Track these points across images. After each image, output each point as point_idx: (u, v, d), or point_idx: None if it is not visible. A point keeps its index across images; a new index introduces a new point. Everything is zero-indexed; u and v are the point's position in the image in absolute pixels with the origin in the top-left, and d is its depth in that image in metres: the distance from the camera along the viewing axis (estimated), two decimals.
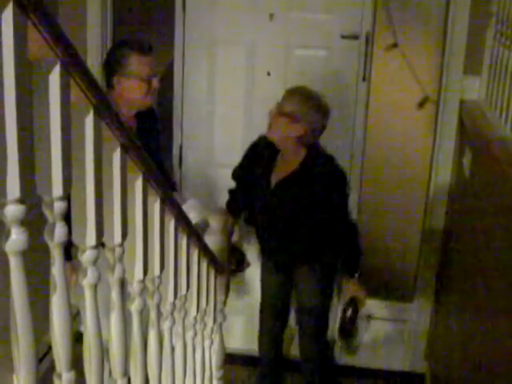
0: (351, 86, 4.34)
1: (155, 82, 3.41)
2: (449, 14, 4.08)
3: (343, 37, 4.29)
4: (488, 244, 3.12)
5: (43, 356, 3.40)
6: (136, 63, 3.35)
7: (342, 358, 4.81)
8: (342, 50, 4.33)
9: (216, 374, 3.16)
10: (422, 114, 4.34)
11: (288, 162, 3.70)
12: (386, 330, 4.61)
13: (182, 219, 2.19)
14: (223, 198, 4.35)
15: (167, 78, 4.41)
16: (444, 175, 4.28)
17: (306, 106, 3.55)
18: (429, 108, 4.33)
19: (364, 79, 4.29)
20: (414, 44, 4.26)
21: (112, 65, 3.39)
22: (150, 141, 3.56)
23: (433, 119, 4.31)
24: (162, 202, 1.94)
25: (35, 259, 1.49)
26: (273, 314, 4.24)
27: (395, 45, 4.23)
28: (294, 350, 4.61)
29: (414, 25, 4.25)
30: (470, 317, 3.47)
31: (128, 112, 3.43)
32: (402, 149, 4.00)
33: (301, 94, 3.60)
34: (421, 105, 4.31)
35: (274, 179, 3.76)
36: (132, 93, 3.38)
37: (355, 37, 4.28)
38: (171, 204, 2.04)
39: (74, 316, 1.75)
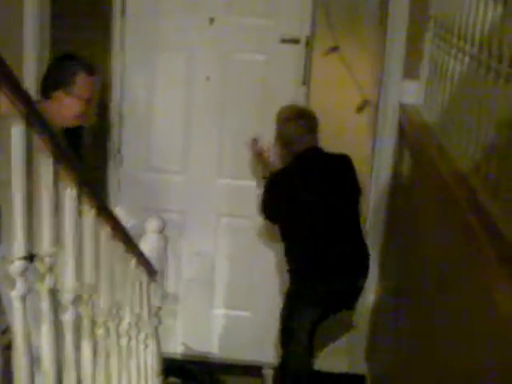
0: (291, 91, 4.34)
1: (93, 104, 3.44)
2: (388, 19, 4.10)
3: (283, 41, 4.30)
4: (426, 246, 3.16)
5: None
6: (82, 83, 3.34)
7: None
8: (281, 55, 4.33)
9: (154, 379, 3.13)
10: (362, 118, 4.37)
11: None
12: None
13: (117, 227, 2.16)
14: (159, 201, 4.34)
15: (106, 85, 4.37)
16: (384, 179, 4.30)
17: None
18: (368, 112, 4.36)
19: (304, 83, 4.30)
20: (353, 48, 4.29)
21: (56, 79, 3.35)
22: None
23: (372, 123, 4.34)
24: (97, 211, 1.92)
25: None
26: None
27: (335, 49, 4.25)
28: None
29: (353, 29, 4.28)
30: (406, 317, 3.51)
31: (59, 126, 3.38)
32: (342, 152, 4.01)
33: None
34: (360, 109, 4.35)
35: None
36: (70, 111, 3.36)
37: (295, 41, 4.29)
38: (106, 212, 2.02)
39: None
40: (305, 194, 3.82)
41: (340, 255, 3.89)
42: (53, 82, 3.36)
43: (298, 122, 3.93)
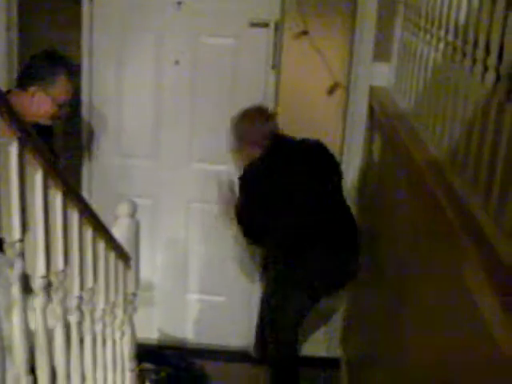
0: (260, 74, 4.34)
1: (65, 109, 3.43)
2: (358, 1, 4.10)
3: (252, 25, 4.28)
4: (398, 230, 3.17)
5: None
6: (60, 87, 3.33)
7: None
8: (250, 38, 4.31)
9: (128, 365, 3.13)
10: (333, 101, 4.37)
11: None
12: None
13: (86, 212, 2.15)
14: (131, 187, 4.33)
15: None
16: (354, 161, 4.31)
17: (233, 129, 3.98)
18: (339, 95, 4.36)
19: (273, 67, 4.29)
20: (323, 31, 4.27)
21: (37, 74, 3.32)
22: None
23: (343, 106, 4.35)
24: (64, 195, 1.90)
25: None
26: None
27: (305, 32, 4.24)
28: None
29: (323, 12, 4.26)
30: (378, 300, 3.53)
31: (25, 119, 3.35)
32: (313, 136, 4.01)
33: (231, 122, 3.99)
34: (331, 92, 4.34)
35: None
36: (40, 109, 3.33)
37: (264, 24, 4.27)
38: (75, 197, 2.01)
39: None
40: (285, 179, 3.80)
41: (329, 232, 3.89)
42: (33, 75, 3.32)
43: (257, 121, 3.91)
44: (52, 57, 3.40)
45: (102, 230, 2.38)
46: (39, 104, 3.31)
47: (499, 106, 1.88)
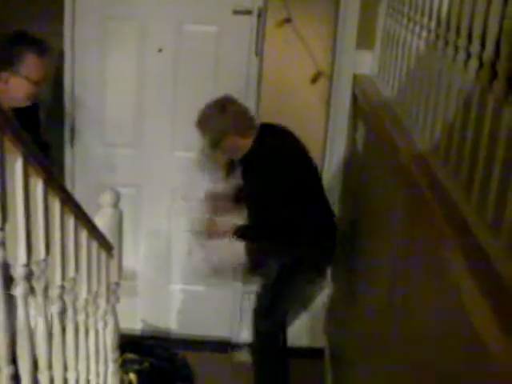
0: (243, 62, 4.31)
1: (42, 86, 3.39)
2: None
3: (235, 12, 4.25)
4: (381, 220, 3.18)
5: None
6: (31, 65, 3.28)
7: (240, 335, 4.84)
8: (233, 26, 4.28)
9: (111, 355, 3.11)
10: (316, 89, 4.36)
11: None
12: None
13: (68, 200, 2.13)
14: (114, 176, 4.31)
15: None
16: (338, 149, 4.32)
17: (212, 126, 3.76)
18: (322, 83, 4.35)
19: (257, 54, 4.27)
20: (306, 19, 4.27)
21: (4, 58, 3.28)
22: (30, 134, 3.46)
23: (326, 94, 4.34)
24: (45, 183, 1.88)
25: None
26: None
27: (288, 20, 4.23)
28: None
29: (306, 0, 4.25)
30: (360, 288, 3.54)
31: (6, 105, 3.31)
32: (296, 124, 4.00)
33: (200, 122, 3.81)
34: (314, 80, 4.34)
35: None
36: (18, 92, 3.31)
37: (247, 12, 4.25)
38: (56, 185, 1.99)
39: None
40: (300, 161, 3.83)
41: (330, 214, 3.98)
42: (2, 61, 3.28)
43: (239, 108, 3.80)
44: (15, 39, 3.36)
45: (84, 219, 2.36)
46: (15, 88, 3.28)
47: (482, 94, 1.88)
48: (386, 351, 2.72)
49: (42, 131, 3.78)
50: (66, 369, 2.37)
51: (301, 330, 4.76)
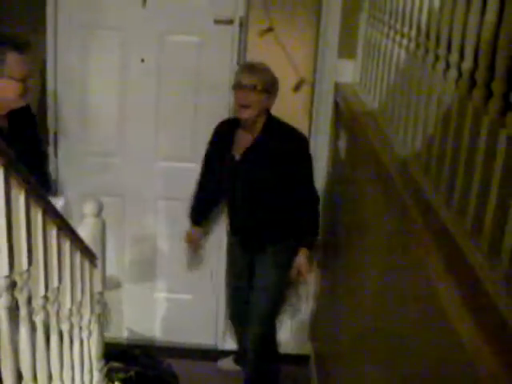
0: (226, 72, 4.30)
1: (30, 83, 3.34)
2: None
3: (217, 22, 4.26)
4: (364, 221, 3.19)
5: None
6: (13, 63, 3.24)
7: (226, 343, 4.86)
8: (215, 36, 4.29)
9: (96, 365, 3.12)
10: (299, 98, 4.38)
11: (248, 133, 3.92)
12: None
13: (50, 211, 2.14)
14: (98, 185, 4.32)
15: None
16: (321, 158, 4.33)
17: (267, 74, 3.82)
18: (305, 91, 4.37)
19: (239, 64, 4.27)
20: (288, 28, 4.28)
21: None
22: (26, 139, 3.49)
23: (309, 102, 4.36)
24: (27, 195, 1.89)
25: None
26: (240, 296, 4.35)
27: (270, 29, 4.25)
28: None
29: (288, 9, 4.27)
30: (345, 295, 3.55)
31: (0, 111, 3.33)
32: None
33: (255, 65, 3.87)
34: (296, 88, 4.35)
35: (238, 152, 3.94)
36: (6, 93, 3.28)
37: (229, 22, 4.26)
38: (37, 196, 1.99)
39: None
40: None
41: None
42: None
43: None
44: None
45: (66, 230, 2.37)
46: (4, 90, 3.27)
47: (461, 103, 1.90)
48: (371, 358, 2.74)
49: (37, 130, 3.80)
50: (50, 379, 2.37)
51: (288, 337, 4.77)
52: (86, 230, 2.90)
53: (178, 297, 4.83)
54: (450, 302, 1.60)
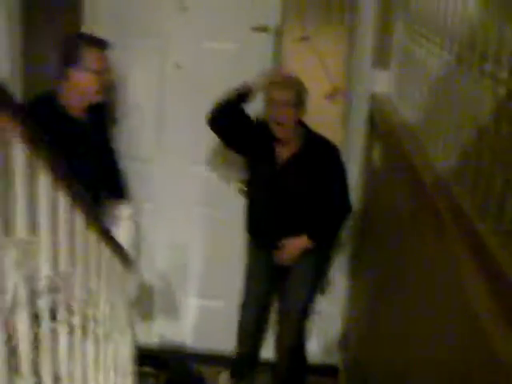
0: None
1: (107, 76, 3.58)
2: (358, 7, 4.12)
3: (253, 29, 4.30)
4: (398, 232, 3.17)
5: None
6: (90, 57, 3.47)
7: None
8: (252, 43, 4.33)
9: (129, 368, 3.14)
10: (333, 107, 4.37)
11: (289, 144, 3.93)
12: None
13: (91, 213, 2.16)
14: (134, 191, 4.33)
15: None
16: (355, 167, 4.32)
17: (298, 86, 3.87)
18: (339, 101, 4.36)
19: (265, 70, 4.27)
20: (323, 37, 4.28)
21: (67, 57, 3.48)
22: (102, 136, 3.82)
23: (343, 111, 4.35)
24: (71, 200, 1.91)
25: None
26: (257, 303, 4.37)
27: (305, 37, 4.25)
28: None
29: (323, 17, 4.27)
30: (381, 303, 3.52)
31: (79, 104, 3.55)
32: None
33: (286, 79, 3.92)
34: (331, 97, 4.35)
35: (279, 159, 3.96)
36: (84, 86, 3.49)
37: (265, 29, 4.29)
38: (80, 201, 2.02)
39: None
40: None
41: None
42: (65, 60, 3.49)
43: None
44: (72, 39, 3.60)
45: (106, 233, 2.39)
46: (80, 82, 3.50)
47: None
48: (406, 368, 2.72)
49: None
50: (86, 381, 2.39)
51: (312, 346, 4.75)
52: (121, 233, 2.92)
53: (210, 303, 4.84)
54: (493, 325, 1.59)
